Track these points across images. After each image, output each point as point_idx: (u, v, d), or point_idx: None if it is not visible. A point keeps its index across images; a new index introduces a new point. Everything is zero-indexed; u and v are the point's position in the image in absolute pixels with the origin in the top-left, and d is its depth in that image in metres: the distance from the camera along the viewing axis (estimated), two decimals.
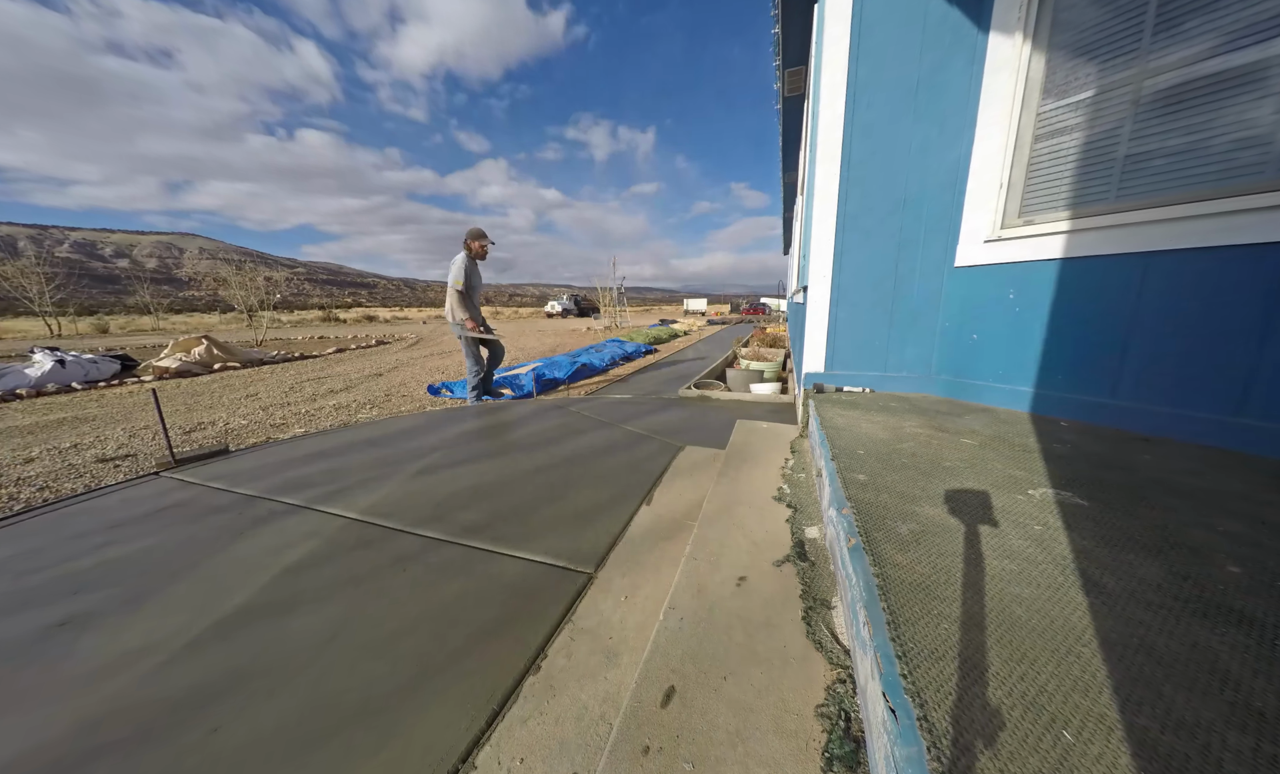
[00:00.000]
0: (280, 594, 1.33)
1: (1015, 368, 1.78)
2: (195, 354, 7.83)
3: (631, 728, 0.72)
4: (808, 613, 0.93)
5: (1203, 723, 0.51)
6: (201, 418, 4.29)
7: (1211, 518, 0.95)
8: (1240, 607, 0.69)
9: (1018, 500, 1.03)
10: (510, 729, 0.89)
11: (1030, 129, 1.68)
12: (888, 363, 2.10)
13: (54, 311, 20.99)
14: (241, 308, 16.73)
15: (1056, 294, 1.64)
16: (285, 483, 2.18)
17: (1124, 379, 1.53)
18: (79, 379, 6.53)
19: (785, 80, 4.19)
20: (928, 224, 1.92)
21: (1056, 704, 0.54)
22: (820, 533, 1.23)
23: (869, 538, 0.88)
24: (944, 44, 1.77)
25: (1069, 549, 0.84)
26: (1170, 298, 1.41)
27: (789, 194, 7.79)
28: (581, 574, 1.37)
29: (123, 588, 1.40)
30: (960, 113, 1.80)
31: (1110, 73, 1.48)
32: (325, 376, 6.82)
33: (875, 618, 0.68)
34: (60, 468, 2.94)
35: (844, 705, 0.73)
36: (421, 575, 1.40)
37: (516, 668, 1.03)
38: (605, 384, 5.53)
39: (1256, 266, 1.26)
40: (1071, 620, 0.67)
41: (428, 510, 1.83)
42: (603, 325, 18.48)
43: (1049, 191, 1.67)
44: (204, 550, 1.60)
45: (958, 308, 1.93)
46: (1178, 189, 1.39)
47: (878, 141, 1.91)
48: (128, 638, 1.18)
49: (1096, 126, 1.53)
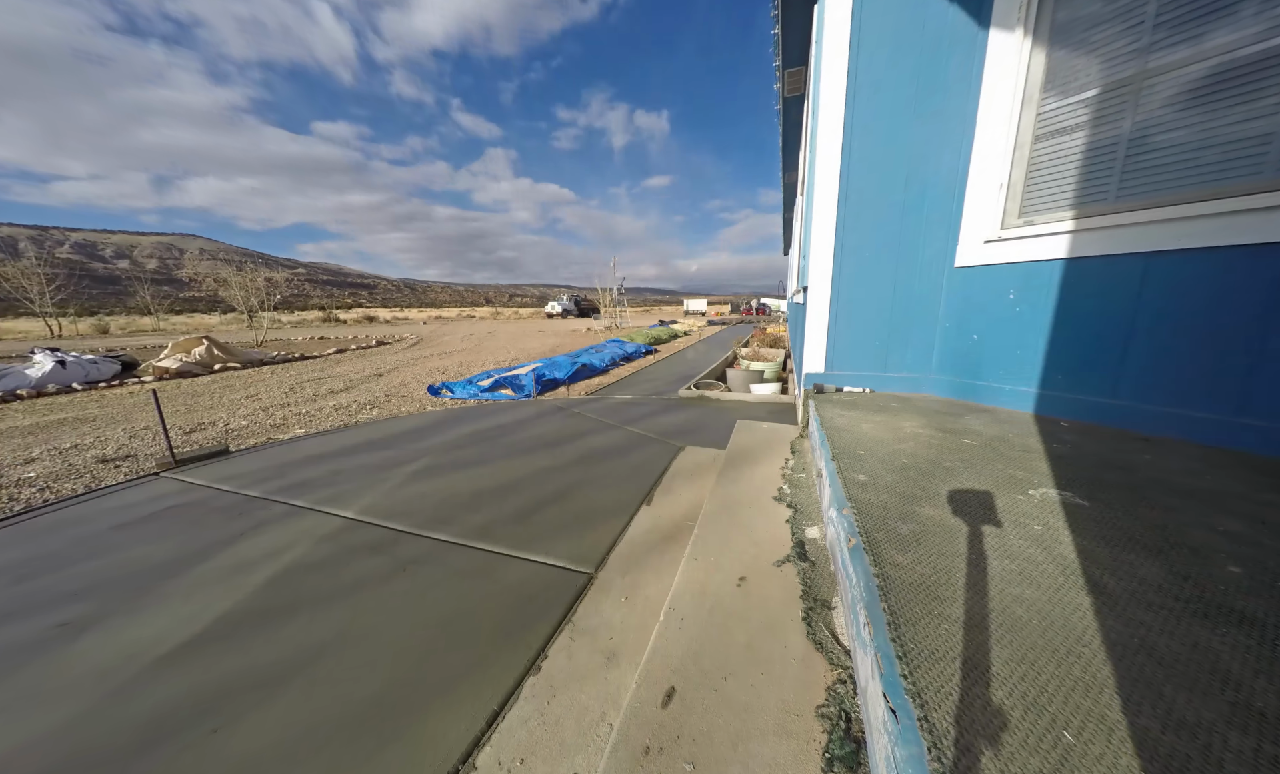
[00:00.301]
0: (280, 595, 1.33)
1: (1015, 368, 1.78)
2: (195, 355, 7.84)
3: (632, 728, 0.72)
4: (808, 613, 0.93)
5: (1204, 723, 0.51)
6: (202, 418, 4.29)
7: (1212, 518, 0.95)
8: (1241, 607, 0.69)
9: (1018, 501, 1.03)
10: (511, 730, 0.89)
11: (1030, 129, 1.68)
12: (888, 363, 2.10)
13: (54, 312, 21.01)
14: (242, 308, 16.74)
15: (1057, 294, 1.64)
16: (285, 484, 2.18)
17: (1124, 379, 1.53)
18: (79, 380, 6.53)
19: (785, 81, 4.19)
20: (928, 224, 1.92)
21: (1057, 704, 0.53)
22: (820, 533, 1.23)
23: (869, 538, 0.88)
24: (944, 44, 1.77)
25: (1070, 549, 0.84)
26: (1170, 298, 1.41)
27: (789, 194, 7.79)
28: (582, 575, 1.37)
29: (123, 588, 1.40)
30: (960, 113, 1.80)
31: (1111, 72, 1.48)
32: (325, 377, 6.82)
33: (876, 618, 0.68)
34: (61, 468, 2.94)
35: (844, 706, 0.73)
36: (421, 576, 1.40)
37: (517, 668, 1.03)
38: (606, 385, 5.53)
39: (1256, 266, 1.26)
40: (1072, 621, 0.66)
41: (427, 512, 1.83)
42: (603, 326, 18.49)
43: (1049, 191, 1.67)
44: (204, 551, 1.60)
45: (958, 308, 1.93)
46: (1177, 189, 1.39)
47: (878, 141, 1.90)
48: (127, 638, 1.18)
49: (1097, 126, 1.53)
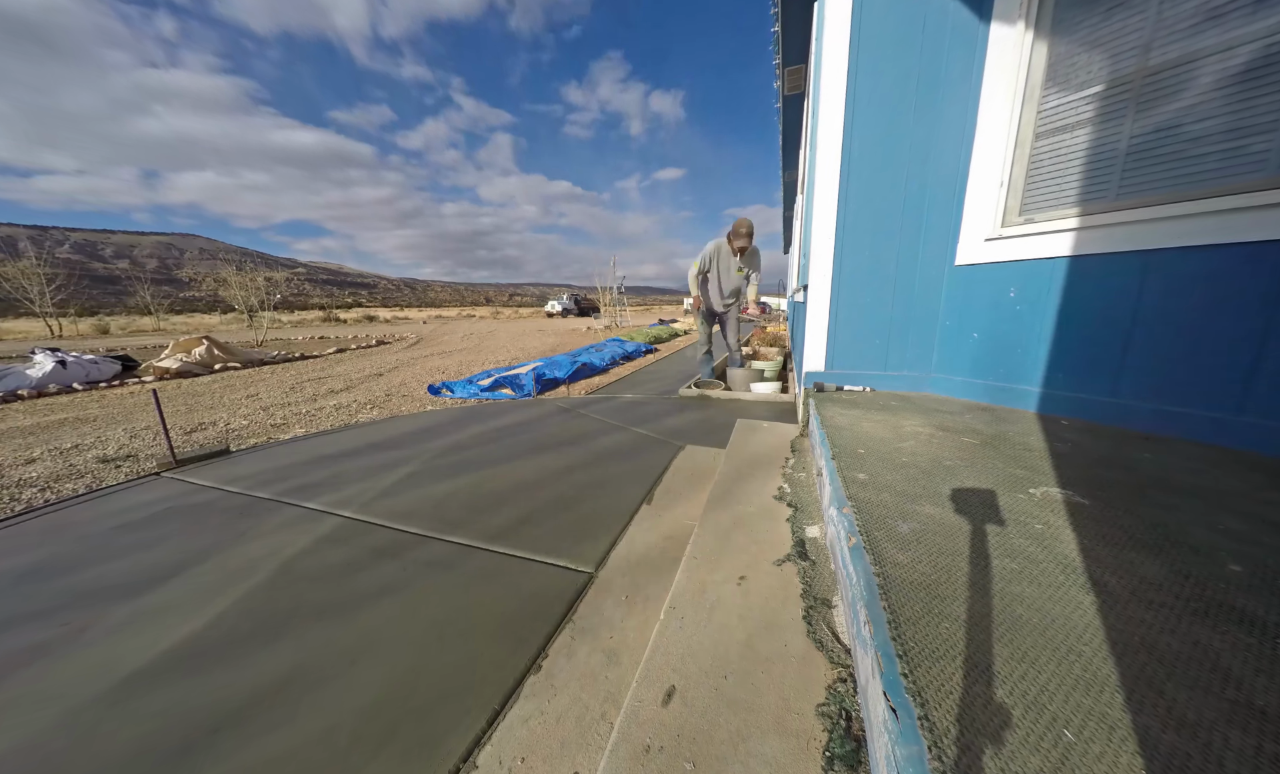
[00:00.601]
0: (281, 595, 1.34)
1: (1016, 366, 1.78)
2: (196, 354, 7.84)
3: (632, 727, 0.72)
4: (808, 612, 0.93)
5: (1204, 722, 0.51)
6: (202, 418, 4.29)
7: (1212, 516, 0.95)
8: (1242, 605, 0.69)
9: (1019, 499, 1.03)
10: (511, 728, 0.89)
11: (1031, 126, 1.67)
12: (888, 362, 2.10)
13: (55, 312, 21.01)
14: (242, 308, 16.74)
15: (1057, 293, 1.64)
16: (286, 484, 2.18)
17: (1125, 377, 1.52)
18: (80, 380, 6.53)
19: (785, 79, 4.18)
20: (928, 222, 1.92)
21: (1058, 703, 0.53)
22: (821, 532, 1.23)
23: (869, 537, 0.88)
24: (944, 41, 1.76)
25: (1070, 548, 0.84)
26: (1171, 296, 1.41)
27: (789, 193, 7.78)
28: (582, 574, 1.37)
29: (123, 589, 1.40)
30: (961, 110, 1.79)
31: (1112, 68, 1.47)
32: (326, 377, 6.82)
33: (876, 616, 0.68)
34: (61, 469, 2.94)
35: (845, 705, 0.73)
36: (421, 575, 1.40)
37: (517, 667, 1.03)
38: (606, 384, 5.53)
39: (1256, 265, 1.26)
40: (1073, 619, 0.66)
41: (428, 510, 1.83)
42: (603, 325, 18.48)
43: (1050, 190, 1.66)
44: (205, 551, 1.60)
45: (958, 307, 1.93)
46: (1178, 187, 1.38)
47: (878, 139, 1.90)
48: (127, 640, 1.19)
49: (1098, 124, 1.52)
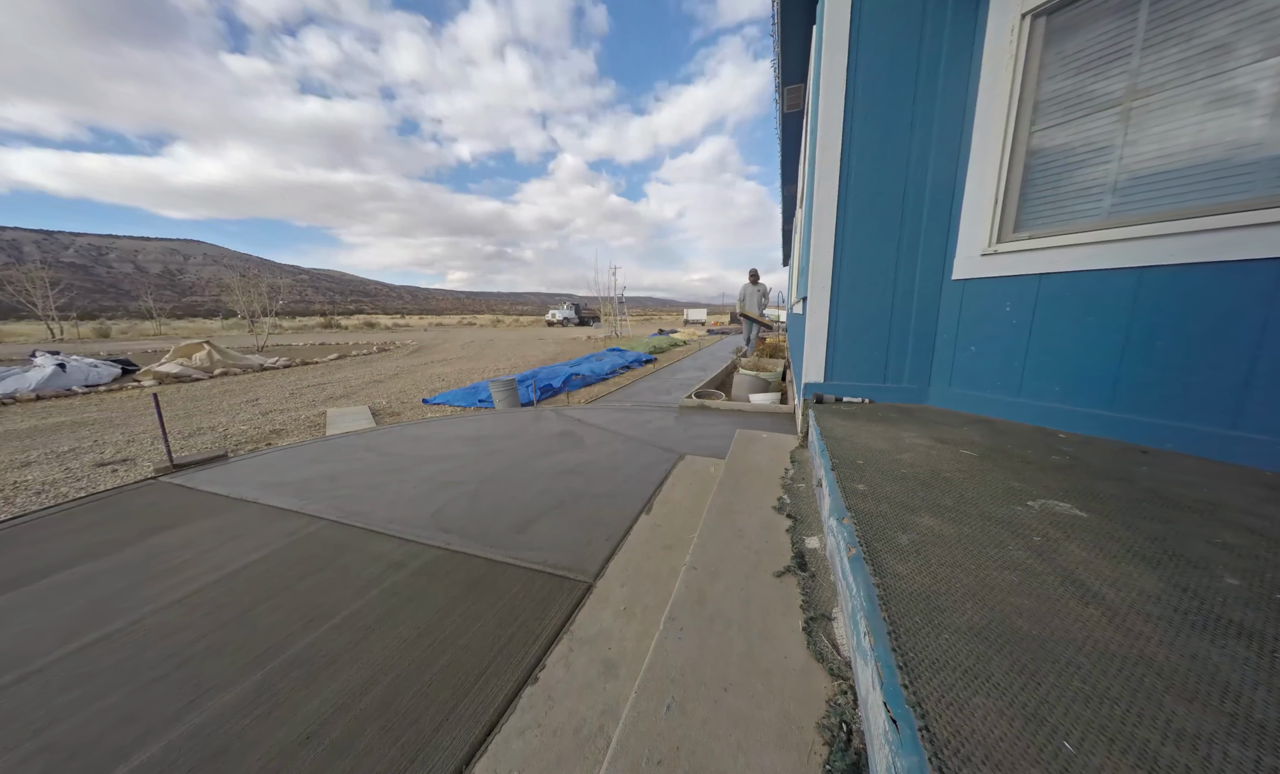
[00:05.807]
0: (276, 601, 1.33)
1: (1013, 380, 1.79)
2: (196, 359, 7.85)
3: (631, 740, 0.72)
4: (808, 624, 0.93)
5: (1203, 734, 0.51)
6: (201, 423, 4.28)
7: (1210, 530, 0.95)
8: (1240, 618, 0.69)
9: (1017, 511, 1.03)
10: (507, 741, 0.88)
11: (1025, 144, 1.71)
12: (886, 374, 2.11)
13: (56, 316, 21.06)
14: (244, 314, 16.79)
15: (1053, 307, 1.66)
16: (283, 489, 2.17)
17: (1121, 391, 1.54)
18: (80, 383, 6.53)
19: (785, 96, 4.27)
20: (925, 237, 1.95)
21: (1058, 715, 0.53)
22: (820, 543, 1.23)
23: (869, 548, 0.88)
24: (940, 61, 1.81)
25: (1069, 560, 0.84)
26: (1164, 312, 1.43)
27: (788, 206, 7.87)
28: (581, 583, 1.36)
29: (119, 595, 1.39)
30: (957, 128, 1.83)
31: (1103, 89, 1.51)
32: (325, 383, 6.82)
33: (876, 628, 0.68)
34: (58, 472, 2.93)
35: (845, 718, 0.72)
36: (419, 583, 1.39)
37: (514, 678, 1.02)
38: (606, 393, 5.53)
39: (1246, 282, 1.28)
40: (1072, 631, 0.67)
41: (425, 517, 1.83)
42: (603, 334, 18.54)
43: (1044, 206, 1.69)
44: (201, 557, 1.59)
45: (955, 320, 1.95)
46: (1169, 204, 1.41)
47: (876, 156, 1.94)
48: (126, 644, 1.18)
49: (1090, 142, 1.56)
